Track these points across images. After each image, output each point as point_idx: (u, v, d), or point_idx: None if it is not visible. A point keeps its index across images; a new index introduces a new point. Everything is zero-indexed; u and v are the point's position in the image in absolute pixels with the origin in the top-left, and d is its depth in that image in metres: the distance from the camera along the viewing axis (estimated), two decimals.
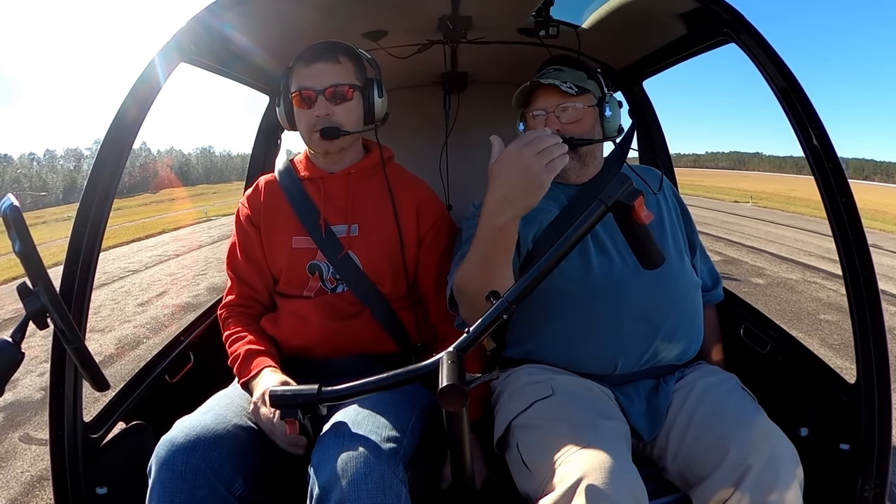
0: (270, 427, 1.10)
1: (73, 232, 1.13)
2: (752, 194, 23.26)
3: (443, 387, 0.74)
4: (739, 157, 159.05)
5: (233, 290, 1.38)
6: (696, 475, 1.05)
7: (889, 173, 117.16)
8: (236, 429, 1.09)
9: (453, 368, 0.76)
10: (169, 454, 1.00)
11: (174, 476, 0.98)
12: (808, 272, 6.60)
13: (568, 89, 1.26)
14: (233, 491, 1.03)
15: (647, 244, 0.86)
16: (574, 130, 1.27)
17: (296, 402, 0.86)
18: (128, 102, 1.16)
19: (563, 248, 0.83)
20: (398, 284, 1.34)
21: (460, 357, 0.78)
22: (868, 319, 1.06)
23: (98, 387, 0.93)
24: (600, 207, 0.83)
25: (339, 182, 1.34)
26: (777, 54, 1.14)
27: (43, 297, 0.84)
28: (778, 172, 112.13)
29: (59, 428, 1.10)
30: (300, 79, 1.26)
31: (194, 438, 1.02)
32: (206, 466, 1.00)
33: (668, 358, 1.23)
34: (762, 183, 40.29)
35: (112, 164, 1.16)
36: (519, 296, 0.81)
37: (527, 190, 0.93)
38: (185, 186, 59.60)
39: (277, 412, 1.06)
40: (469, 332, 0.81)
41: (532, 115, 1.31)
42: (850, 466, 1.09)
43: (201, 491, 0.99)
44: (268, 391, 0.92)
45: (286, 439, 1.09)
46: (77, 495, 1.11)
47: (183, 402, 1.25)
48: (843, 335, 4.13)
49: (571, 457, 0.94)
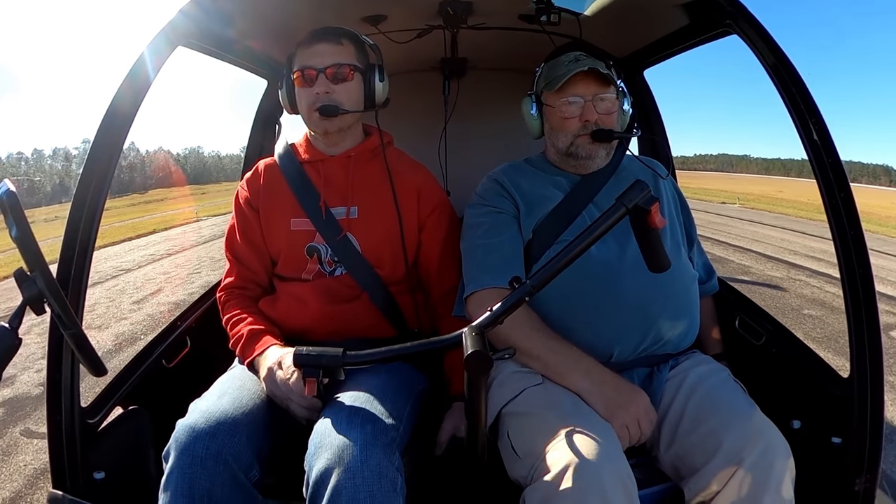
0: (286, 391, 1.10)
1: (70, 216, 1.12)
2: (740, 196, 23.29)
3: (469, 353, 0.79)
4: (728, 160, 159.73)
5: (231, 272, 1.39)
6: (688, 466, 1.06)
7: (876, 175, 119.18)
8: (253, 412, 1.08)
9: (477, 340, 0.81)
10: (190, 440, 0.99)
11: (194, 462, 0.98)
12: (793, 270, 6.74)
13: (610, 76, 1.26)
14: (250, 477, 1.04)
15: (657, 248, 0.91)
16: (608, 122, 1.27)
17: (320, 361, 0.89)
18: (125, 86, 1.15)
19: (583, 243, 0.87)
20: (396, 268, 1.34)
21: (483, 331, 0.83)
22: (863, 315, 1.06)
23: (96, 372, 0.93)
24: (620, 209, 0.87)
25: (339, 165, 1.35)
26: (779, 47, 1.13)
27: (40, 283, 0.83)
28: (766, 175, 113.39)
29: (57, 413, 1.09)
30: (302, 59, 1.27)
31: (214, 424, 1.01)
32: (227, 452, 0.99)
33: (664, 347, 1.24)
34: (750, 185, 40.39)
35: (110, 146, 1.16)
36: (540, 283, 0.86)
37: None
38: (175, 187, 59.03)
39: (296, 374, 1.07)
40: (492, 311, 0.85)
41: (567, 100, 1.28)
42: (841, 460, 1.10)
43: (220, 477, 0.99)
44: (289, 352, 0.94)
45: (303, 401, 1.09)
46: (75, 480, 1.10)
47: (180, 386, 1.24)
48: (825, 329, 4.25)
49: (560, 444, 0.96)
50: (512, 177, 1.36)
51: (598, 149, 1.29)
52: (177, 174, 78.27)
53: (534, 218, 1.29)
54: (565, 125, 1.29)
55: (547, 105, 1.33)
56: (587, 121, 1.26)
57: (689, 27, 1.52)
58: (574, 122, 1.27)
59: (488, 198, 1.34)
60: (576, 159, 1.31)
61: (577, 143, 1.28)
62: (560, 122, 1.29)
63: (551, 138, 1.34)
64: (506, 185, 1.34)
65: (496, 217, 1.31)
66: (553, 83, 1.28)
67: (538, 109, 1.36)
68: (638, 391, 1.11)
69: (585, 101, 1.26)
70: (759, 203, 20.42)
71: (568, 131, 1.28)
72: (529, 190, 1.33)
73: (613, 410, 1.06)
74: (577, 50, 1.32)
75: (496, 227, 1.29)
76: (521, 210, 1.31)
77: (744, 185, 37.42)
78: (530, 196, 1.32)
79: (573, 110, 1.27)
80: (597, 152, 1.30)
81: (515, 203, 1.32)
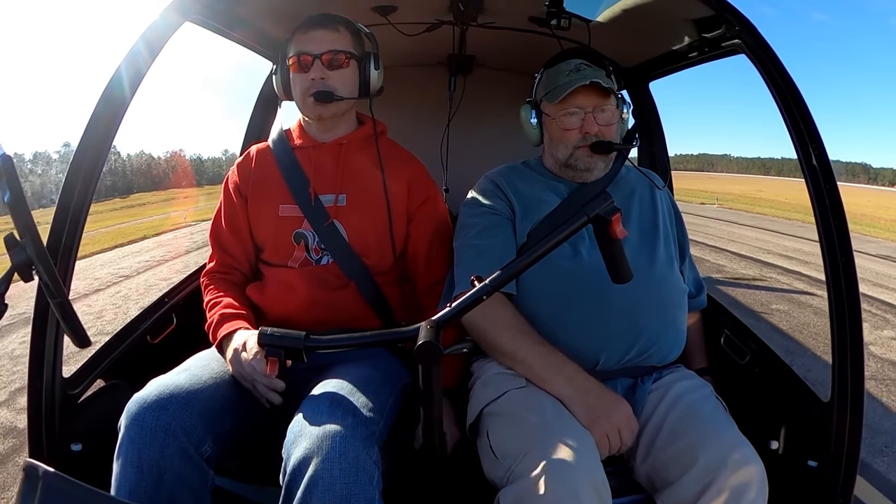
0: (250, 370, 1.11)
1: (64, 187, 1.11)
2: (719, 196, 23.39)
3: (420, 343, 0.81)
4: (708, 160, 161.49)
5: (214, 257, 1.39)
6: (662, 479, 1.06)
7: (854, 173, 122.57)
8: (210, 389, 1.09)
9: (431, 332, 0.83)
10: (140, 411, 1.00)
11: (143, 433, 0.98)
12: (766, 269, 7.09)
13: (611, 87, 1.25)
14: (201, 452, 1.03)
15: (618, 259, 0.92)
16: (608, 134, 1.27)
17: (282, 343, 0.90)
18: (132, 55, 1.15)
19: (544, 247, 0.88)
20: (383, 257, 1.34)
21: (439, 326, 0.85)
22: (848, 340, 1.06)
23: (80, 343, 0.92)
24: (582, 218, 0.88)
25: (330, 151, 1.34)
26: (786, 71, 1.13)
27: (29, 249, 0.83)
28: (745, 174, 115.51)
29: (38, 381, 1.09)
30: (298, 44, 1.27)
31: (167, 397, 1.02)
32: (176, 425, 1.00)
33: (649, 359, 1.23)
34: (729, 184, 40.38)
35: (108, 119, 1.15)
36: (499, 283, 0.88)
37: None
38: (156, 191, 58.05)
39: (260, 353, 1.07)
40: (451, 307, 0.87)
41: (567, 112, 1.27)
42: (816, 484, 1.09)
43: (169, 449, 0.99)
44: (255, 333, 0.96)
45: (265, 381, 1.10)
46: (52, 450, 1.10)
47: (163, 363, 1.24)
48: (790, 322, 4.55)
49: (538, 448, 0.96)
50: (509, 179, 1.36)
51: (597, 160, 1.29)
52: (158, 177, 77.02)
53: (529, 221, 1.29)
54: (565, 137, 1.28)
55: (546, 115, 1.32)
56: (587, 133, 1.26)
57: (698, 43, 1.52)
58: (574, 134, 1.27)
59: (484, 198, 1.34)
60: (574, 170, 1.31)
61: (576, 155, 1.28)
62: (560, 134, 1.29)
63: (550, 149, 1.34)
64: (502, 187, 1.34)
65: (490, 218, 1.30)
66: (553, 94, 1.27)
67: (538, 118, 1.35)
68: (620, 401, 1.11)
69: (586, 112, 1.26)
70: (737, 203, 20.74)
71: (568, 143, 1.28)
72: (526, 193, 1.32)
73: (594, 419, 1.07)
74: (578, 57, 1.31)
75: (490, 228, 1.29)
76: (517, 213, 1.30)
77: (724, 185, 37.64)
78: (527, 199, 1.31)
79: (573, 122, 1.26)
80: (595, 164, 1.29)
81: (511, 205, 1.31)
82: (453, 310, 0.87)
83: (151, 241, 11.16)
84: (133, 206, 31.42)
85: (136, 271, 7.39)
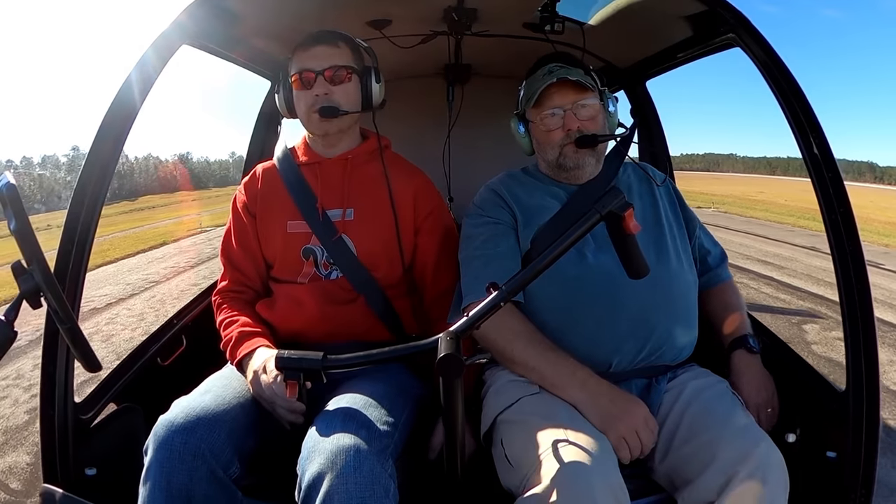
0: (270, 394, 1.11)
1: (70, 212, 1.12)
2: (718, 198, 23.10)
3: (442, 356, 0.80)
4: (714, 159, 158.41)
5: (226, 276, 1.39)
6: (682, 478, 1.05)
7: (860, 172, 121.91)
8: (235, 410, 1.09)
9: (451, 344, 0.82)
10: (168, 434, 0.99)
11: (172, 456, 0.98)
12: (739, 273, 7.47)
13: (586, 83, 1.25)
14: (230, 473, 1.03)
15: (633, 254, 0.91)
16: (591, 128, 1.26)
17: (300, 365, 0.90)
18: (128, 84, 1.16)
19: (558, 249, 0.87)
20: (392, 270, 1.34)
21: (458, 337, 0.84)
22: (860, 330, 1.05)
23: (90, 367, 0.92)
24: (595, 216, 0.87)
25: (336, 167, 1.35)
26: (782, 61, 1.14)
27: (37, 277, 0.82)
28: (751, 174, 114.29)
29: (50, 408, 1.09)
30: (300, 62, 1.28)
31: (194, 419, 1.01)
32: (205, 447, 0.99)
33: (662, 358, 1.22)
34: (733, 185, 39.88)
35: (112, 140, 1.16)
36: (516, 288, 0.86)
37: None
38: (164, 194, 58.44)
39: (280, 377, 1.05)
40: (468, 316, 0.85)
41: (547, 114, 1.28)
42: (836, 475, 1.08)
43: (198, 472, 0.99)
44: (274, 355, 0.95)
45: (286, 404, 1.09)
46: (66, 475, 1.10)
47: (174, 385, 1.24)
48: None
49: (553, 455, 0.95)
50: (509, 187, 1.36)
51: (585, 156, 1.29)
52: (166, 180, 77.62)
53: (532, 228, 1.29)
54: (550, 138, 1.29)
55: (531, 121, 1.33)
56: (570, 129, 1.26)
57: (692, 39, 1.53)
58: (558, 134, 1.28)
59: (486, 208, 1.34)
60: (566, 171, 1.31)
61: (563, 153, 1.28)
62: (545, 136, 1.30)
63: (540, 153, 1.35)
64: (503, 196, 1.34)
65: (494, 227, 1.30)
66: (531, 99, 1.29)
67: (525, 127, 1.37)
68: (636, 401, 1.10)
69: (565, 110, 1.26)
70: (733, 206, 20.58)
71: (553, 143, 1.29)
72: (527, 200, 1.33)
73: (609, 422, 1.06)
74: (553, 62, 1.32)
75: (494, 237, 1.29)
76: (519, 220, 1.31)
77: (727, 186, 37.21)
78: (528, 206, 1.32)
79: (555, 122, 1.27)
80: (585, 160, 1.29)
81: (513, 213, 1.32)
82: (471, 319, 0.86)
83: (171, 246, 11.47)
84: (142, 209, 31.44)
85: (164, 277, 7.80)
